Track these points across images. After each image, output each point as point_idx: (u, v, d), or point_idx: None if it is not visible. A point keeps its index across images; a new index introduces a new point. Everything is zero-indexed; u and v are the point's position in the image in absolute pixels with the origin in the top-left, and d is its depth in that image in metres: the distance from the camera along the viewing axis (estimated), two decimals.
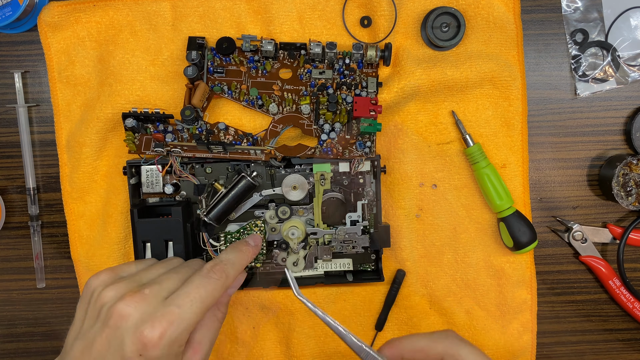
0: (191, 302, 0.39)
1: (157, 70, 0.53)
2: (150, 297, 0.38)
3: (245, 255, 0.46)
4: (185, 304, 0.38)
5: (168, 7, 0.53)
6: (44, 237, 0.57)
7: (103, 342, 0.37)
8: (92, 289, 0.41)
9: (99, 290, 0.40)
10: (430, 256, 0.55)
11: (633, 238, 0.56)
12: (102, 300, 0.39)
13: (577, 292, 0.58)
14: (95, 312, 0.39)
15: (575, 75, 0.56)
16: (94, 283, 0.41)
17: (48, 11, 0.52)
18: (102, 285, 0.40)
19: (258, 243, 0.49)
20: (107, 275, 0.41)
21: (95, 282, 0.41)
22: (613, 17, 0.55)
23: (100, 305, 0.39)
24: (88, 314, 0.40)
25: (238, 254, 0.45)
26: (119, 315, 0.37)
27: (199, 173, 0.53)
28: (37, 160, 0.56)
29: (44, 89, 0.56)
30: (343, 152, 0.51)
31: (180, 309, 0.38)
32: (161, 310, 0.38)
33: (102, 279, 0.41)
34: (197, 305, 0.39)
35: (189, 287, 0.40)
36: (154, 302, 0.38)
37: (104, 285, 0.40)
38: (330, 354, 0.56)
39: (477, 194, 0.55)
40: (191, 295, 0.39)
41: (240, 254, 0.45)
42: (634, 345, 0.59)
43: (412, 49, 0.53)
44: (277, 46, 0.51)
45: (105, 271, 0.42)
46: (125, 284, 0.40)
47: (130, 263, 0.45)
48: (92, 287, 0.41)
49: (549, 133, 0.56)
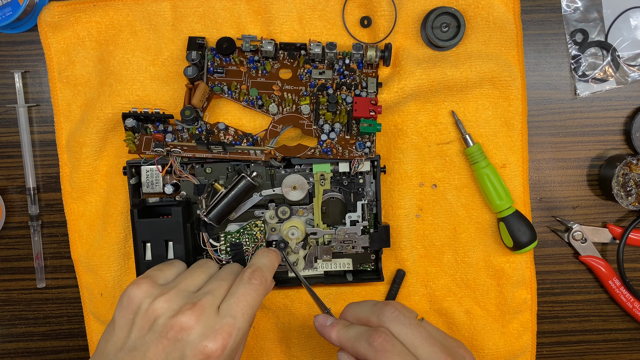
0: (243, 312, 0.40)
1: (157, 70, 0.53)
2: (207, 308, 0.39)
3: (274, 260, 0.47)
4: (238, 313, 0.40)
5: (168, 7, 0.53)
6: (44, 237, 0.57)
7: (159, 354, 0.38)
8: (138, 300, 0.40)
9: (148, 302, 0.39)
10: (430, 256, 0.55)
11: (633, 238, 0.56)
12: (155, 312, 0.39)
13: (577, 292, 0.58)
14: (146, 323, 0.39)
15: (575, 75, 0.56)
16: (137, 294, 0.40)
17: (48, 11, 0.52)
18: (148, 296, 0.40)
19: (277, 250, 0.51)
20: (148, 284, 0.41)
21: (138, 292, 0.40)
22: (613, 17, 0.55)
23: (154, 316, 0.39)
24: (136, 325, 0.39)
25: (269, 259, 0.46)
26: (180, 327, 0.38)
27: (199, 173, 0.53)
28: (37, 160, 0.56)
29: (44, 89, 0.56)
30: (343, 152, 0.51)
31: (235, 320, 0.39)
32: (220, 323, 0.39)
33: (144, 289, 0.40)
34: (248, 313, 0.40)
35: (238, 296, 0.41)
36: (212, 314, 0.39)
37: (150, 296, 0.40)
38: (330, 354, 0.56)
39: (477, 194, 0.55)
40: (241, 304, 0.40)
41: (270, 258, 0.46)
42: (634, 345, 0.59)
43: (412, 49, 0.53)
44: (277, 46, 0.51)
45: (145, 280, 0.41)
46: (175, 294, 0.40)
47: (162, 268, 0.44)
48: (137, 298, 0.40)
49: (549, 133, 0.56)
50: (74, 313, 0.58)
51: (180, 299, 0.40)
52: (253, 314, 0.41)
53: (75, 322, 0.58)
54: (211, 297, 0.40)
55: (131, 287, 0.41)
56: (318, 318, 0.43)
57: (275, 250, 0.49)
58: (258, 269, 0.43)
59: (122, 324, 0.40)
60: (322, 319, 0.43)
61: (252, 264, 0.45)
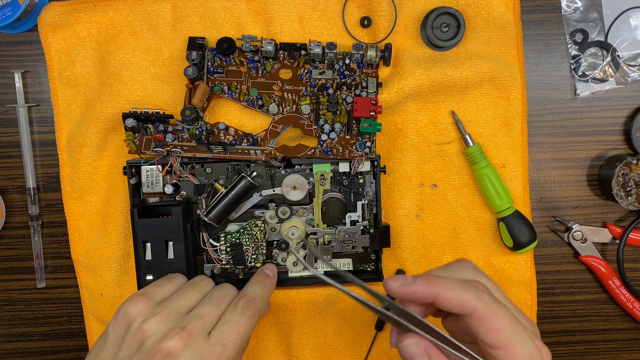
0: (233, 340, 0.40)
1: (158, 70, 0.53)
2: (196, 334, 0.39)
3: (269, 290, 0.47)
4: (229, 342, 0.40)
5: (168, 7, 0.53)
6: (44, 237, 0.57)
7: None
8: (131, 317, 0.40)
9: (139, 321, 0.39)
10: (430, 256, 0.55)
11: (633, 238, 0.56)
12: (144, 333, 0.39)
13: (577, 292, 0.58)
14: (135, 342, 0.39)
15: (575, 75, 0.56)
16: (132, 311, 0.40)
17: (48, 11, 0.52)
18: (141, 315, 0.40)
19: (275, 272, 0.50)
20: (144, 302, 0.41)
21: (133, 310, 0.40)
22: (613, 17, 0.55)
23: (142, 337, 0.39)
24: (126, 343, 0.39)
25: (264, 289, 0.46)
26: (167, 352, 0.38)
27: (199, 173, 0.53)
28: (37, 160, 0.56)
29: (44, 89, 0.56)
30: (343, 152, 0.51)
31: (225, 348, 0.39)
32: (209, 350, 0.39)
33: (139, 307, 0.40)
34: (238, 342, 0.40)
35: (231, 325, 0.41)
36: (201, 340, 0.39)
37: (143, 315, 0.40)
38: (330, 354, 0.56)
39: (477, 194, 0.55)
40: (233, 333, 0.40)
41: (265, 288, 0.46)
42: (634, 345, 0.59)
43: (412, 49, 0.53)
44: (277, 46, 0.51)
45: (141, 297, 0.41)
46: (166, 316, 0.40)
47: (161, 284, 0.44)
48: (130, 315, 0.40)
49: (549, 133, 0.56)
50: (74, 313, 0.58)
51: (170, 321, 0.40)
52: (243, 344, 0.41)
53: (75, 322, 0.58)
54: (201, 322, 0.40)
55: (128, 303, 0.41)
56: (395, 279, 0.35)
57: (271, 277, 0.49)
58: (252, 300, 0.43)
59: (114, 340, 0.40)
60: (401, 278, 0.35)
61: (246, 293, 0.44)
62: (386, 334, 0.56)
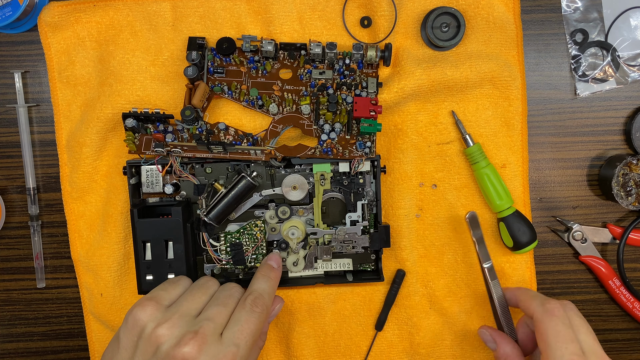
0: (245, 339, 0.40)
1: (158, 70, 0.53)
2: (209, 337, 0.39)
3: (275, 282, 0.47)
4: (242, 342, 0.40)
5: (168, 7, 0.53)
6: (44, 237, 0.57)
7: None
8: (142, 322, 0.40)
9: (151, 326, 0.40)
10: (430, 256, 0.55)
11: (633, 238, 0.56)
12: (158, 339, 0.39)
13: (577, 292, 0.58)
14: (150, 348, 0.39)
15: (575, 75, 0.56)
16: (142, 316, 0.40)
17: (48, 11, 0.52)
18: (152, 320, 0.40)
19: (279, 262, 0.50)
20: (154, 307, 0.41)
21: (143, 315, 0.40)
22: (613, 17, 0.55)
23: (157, 343, 0.39)
24: (140, 349, 0.39)
25: (269, 282, 0.46)
26: (182, 358, 0.38)
27: (199, 173, 0.53)
28: (37, 160, 0.56)
29: (44, 89, 0.56)
30: (343, 152, 0.51)
31: (239, 348, 0.40)
32: (223, 351, 0.39)
33: (149, 312, 0.40)
34: (250, 340, 0.41)
35: (241, 324, 0.41)
36: (214, 342, 0.39)
37: (154, 320, 0.40)
38: (330, 354, 0.56)
39: (477, 194, 0.55)
40: (245, 332, 0.41)
41: (270, 281, 0.47)
42: (634, 345, 0.59)
43: (412, 49, 0.53)
44: (277, 46, 0.51)
45: (149, 302, 0.41)
46: (178, 320, 0.40)
47: (167, 288, 0.44)
48: (141, 320, 0.40)
49: (549, 133, 0.56)
50: (74, 313, 0.58)
51: (182, 326, 0.40)
52: (254, 341, 0.42)
53: (75, 322, 0.58)
54: (212, 325, 0.40)
55: (137, 309, 0.41)
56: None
57: (275, 268, 0.49)
58: (260, 297, 0.44)
59: (127, 345, 0.40)
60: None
61: (253, 290, 0.45)
62: (386, 333, 0.56)
